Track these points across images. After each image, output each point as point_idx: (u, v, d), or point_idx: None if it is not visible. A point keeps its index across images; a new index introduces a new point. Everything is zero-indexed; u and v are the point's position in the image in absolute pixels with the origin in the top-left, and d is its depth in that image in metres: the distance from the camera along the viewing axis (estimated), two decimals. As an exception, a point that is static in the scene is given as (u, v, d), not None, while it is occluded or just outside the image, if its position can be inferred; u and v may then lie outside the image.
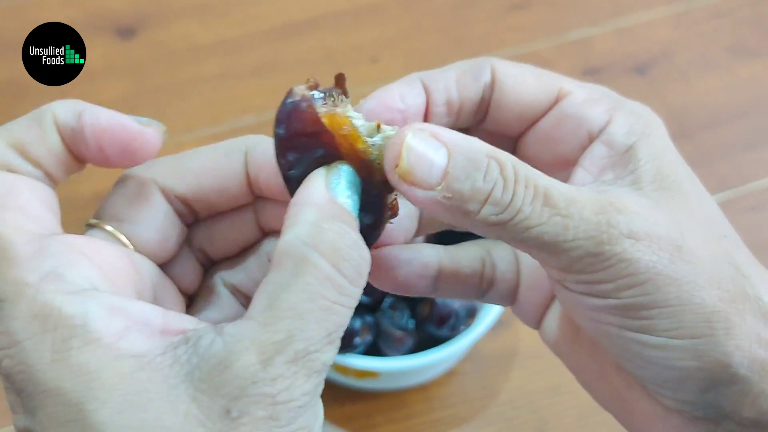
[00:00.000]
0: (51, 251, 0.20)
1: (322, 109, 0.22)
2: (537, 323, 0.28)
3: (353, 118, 0.22)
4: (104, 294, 0.20)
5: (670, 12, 0.73)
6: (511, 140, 0.26)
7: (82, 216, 0.65)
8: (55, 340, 0.19)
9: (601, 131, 0.24)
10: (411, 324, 0.46)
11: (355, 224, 0.21)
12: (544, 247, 0.21)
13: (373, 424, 0.50)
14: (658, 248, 0.21)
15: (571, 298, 0.23)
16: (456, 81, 0.25)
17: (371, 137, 0.22)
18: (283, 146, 0.23)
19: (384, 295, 0.45)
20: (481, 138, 0.22)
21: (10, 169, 0.22)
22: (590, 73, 0.68)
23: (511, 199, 0.21)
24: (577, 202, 0.21)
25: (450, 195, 0.20)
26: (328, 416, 0.50)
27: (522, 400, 0.51)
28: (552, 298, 0.28)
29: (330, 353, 0.20)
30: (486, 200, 0.21)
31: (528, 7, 0.73)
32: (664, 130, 0.24)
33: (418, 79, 0.25)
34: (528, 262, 0.27)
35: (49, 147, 0.22)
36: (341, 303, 0.20)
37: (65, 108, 0.23)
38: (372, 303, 0.45)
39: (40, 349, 0.19)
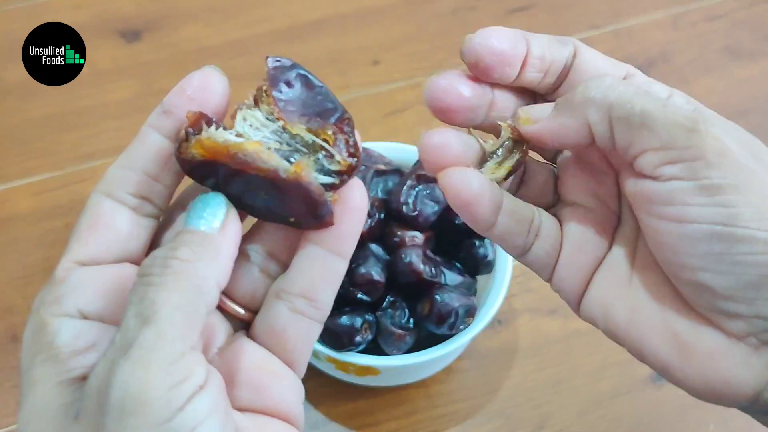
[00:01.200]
0: (68, 280, 0.24)
1: (192, 141, 0.24)
2: (579, 298, 0.29)
3: (214, 135, 0.24)
4: (85, 321, 0.24)
5: (668, 14, 0.74)
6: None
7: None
8: (35, 350, 0.23)
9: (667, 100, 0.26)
10: (411, 322, 0.46)
11: (197, 234, 0.24)
12: (645, 122, 0.24)
13: (374, 421, 0.50)
14: (743, 146, 0.24)
15: (660, 191, 0.24)
16: (547, 42, 0.28)
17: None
18: (195, 178, 0.25)
19: (384, 294, 0.46)
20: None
21: (109, 195, 0.25)
22: (589, 75, 0.69)
23: (613, 84, 0.25)
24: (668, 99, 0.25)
25: (572, 96, 0.26)
26: (329, 413, 0.50)
27: (522, 396, 0.51)
28: (592, 272, 0.29)
29: (147, 331, 0.21)
30: (604, 87, 0.25)
31: (527, 9, 0.74)
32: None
33: (522, 35, 0.28)
34: (570, 229, 0.29)
35: (150, 150, 0.26)
36: (153, 291, 0.22)
37: (153, 113, 0.26)
38: (372, 302, 0.45)
39: (25, 357, 0.24)
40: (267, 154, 0.23)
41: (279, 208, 0.25)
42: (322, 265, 0.26)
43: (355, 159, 0.25)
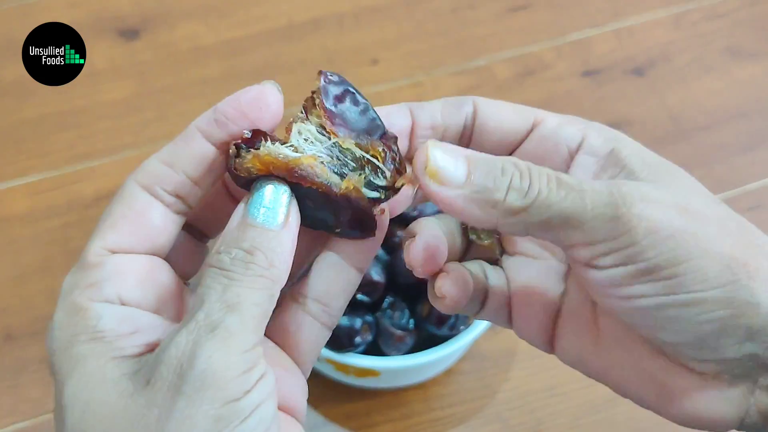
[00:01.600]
0: (105, 266, 0.25)
1: (248, 156, 0.25)
2: (549, 345, 0.29)
3: (273, 150, 0.25)
4: (126, 307, 0.25)
5: (669, 14, 0.74)
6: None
7: (85, 216, 0.66)
8: (72, 332, 0.24)
9: (579, 146, 0.26)
10: (411, 323, 0.46)
11: (265, 233, 0.24)
12: (568, 222, 0.23)
13: (372, 423, 0.50)
14: (669, 209, 0.23)
15: (601, 278, 0.24)
16: (441, 109, 0.28)
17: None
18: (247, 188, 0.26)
19: (384, 295, 0.46)
20: None
21: (147, 188, 0.26)
22: (589, 75, 0.69)
23: (530, 184, 0.23)
24: (586, 182, 0.23)
25: (477, 189, 0.23)
26: (328, 414, 0.50)
27: (519, 400, 0.51)
28: (554, 317, 0.29)
29: (233, 317, 0.23)
30: (509, 188, 0.23)
31: (528, 8, 0.73)
32: (626, 137, 0.27)
33: (406, 106, 0.28)
34: (517, 279, 0.29)
35: (195, 153, 0.26)
36: (237, 285, 0.24)
37: (204, 116, 0.27)
38: (372, 303, 0.45)
39: (60, 338, 0.24)
40: (321, 169, 0.25)
41: (326, 218, 0.26)
42: (340, 274, 0.27)
43: (402, 173, 0.26)
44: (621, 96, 0.67)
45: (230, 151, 0.25)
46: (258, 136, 0.25)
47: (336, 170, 0.25)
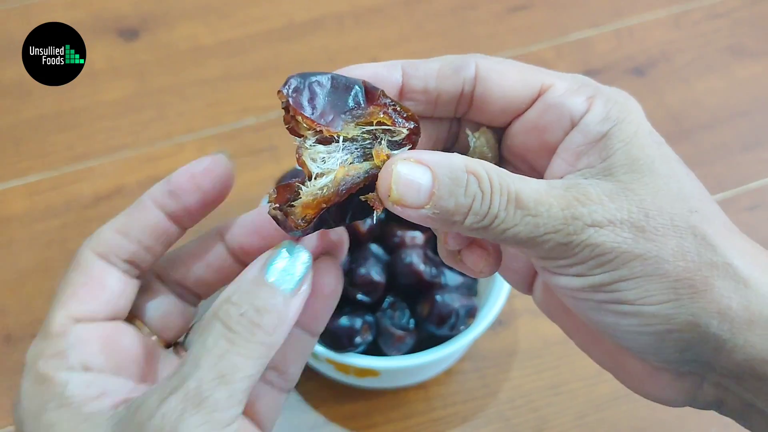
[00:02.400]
0: (68, 336, 0.26)
1: (296, 209, 0.25)
2: (528, 288, 0.31)
3: (313, 191, 0.25)
4: (90, 373, 0.26)
5: (669, 13, 0.74)
6: (499, 129, 0.28)
7: (83, 216, 0.66)
8: (40, 401, 0.25)
9: (581, 118, 0.25)
10: (411, 323, 0.46)
11: (278, 295, 0.25)
12: (522, 243, 0.24)
13: (373, 423, 0.50)
14: (621, 231, 0.24)
15: (553, 280, 0.26)
16: (437, 72, 0.27)
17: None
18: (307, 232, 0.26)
19: (384, 295, 0.46)
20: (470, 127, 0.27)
21: (102, 256, 0.28)
22: (590, 74, 0.68)
23: (489, 208, 0.23)
24: (544, 202, 0.24)
25: (438, 211, 0.23)
26: (328, 415, 0.50)
27: (521, 399, 0.51)
28: (533, 270, 0.31)
29: (222, 391, 0.23)
30: (468, 212, 0.23)
31: (528, 8, 0.73)
32: (640, 113, 0.26)
33: (399, 64, 0.27)
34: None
35: (149, 223, 0.28)
36: (236, 352, 0.24)
37: (157, 187, 0.28)
38: (372, 303, 0.45)
39: (29, 408, 0.25)
40: (354, 168, 0.24)
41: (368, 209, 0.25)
42: (295, 341, 0.28)
43: (413, 122, 0.25)
44: (621, 95, 0.67)
45: (277, 216, 0.25)
46: (285, 190, 0.25)
47: (362, 157, 0.25)
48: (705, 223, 0.24)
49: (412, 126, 0.25)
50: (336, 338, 0.44)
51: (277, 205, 0.25)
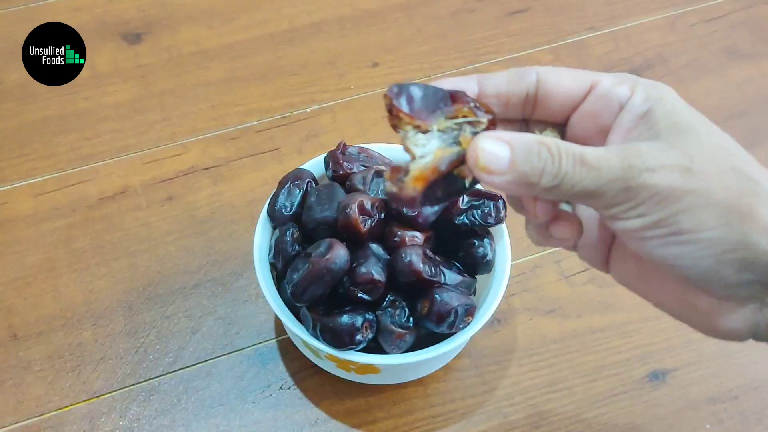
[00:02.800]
0: None
1: (408, 181, 0.30)
2: (605, 267, 0.35)
3: (420, 166, 0.30)
4: None
5: (665, 16, 0.74)
6: (561, 125, 0.34)
7: (88, 216, 0.66)
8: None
9: (627, 101, 0.31)
10: (411, 321, 0.47)
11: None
12: (590, 195, 0.29)
13: (373, 419, 0.51)
14: (672, 172, 0.28)
15: (619, 225, 0.29)
16: (506, 79, 0.33)
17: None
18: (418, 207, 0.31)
19: (384, 293, 0.46)
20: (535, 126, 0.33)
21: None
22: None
23: (559, 167, 0.28)
24: (604, 158, 0.28)
25: (517, 175, 0.28)
26: (329, 411, 0.51)
27: (519, 396, 0.51)
28: (609, 247, 0.35)
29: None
30: (542, 173, 0.28)
31: (526, 11, 0.74)
32: (675, 93, 0.31)
33: (474, 77, 0.33)
34: (583, 214, 0.35)
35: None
36: None
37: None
38: (373, 301, 0.46)
39: None
40: (448, 151, 0.30)
41: (459, 183, 0.31)
42: None
43: (491, 114, 0.31)
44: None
45: (392, 190, 0.30)
46: (396, 170, 0.30)
47: (453, 143, 0.30)
48: (743, 162, 0.29)
49: (490, 117, 0.31)
50: (337, 335, 0.44)
51: (390, 176, 0.30)
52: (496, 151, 0.28)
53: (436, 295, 0.45)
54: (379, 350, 0.46)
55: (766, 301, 0.30)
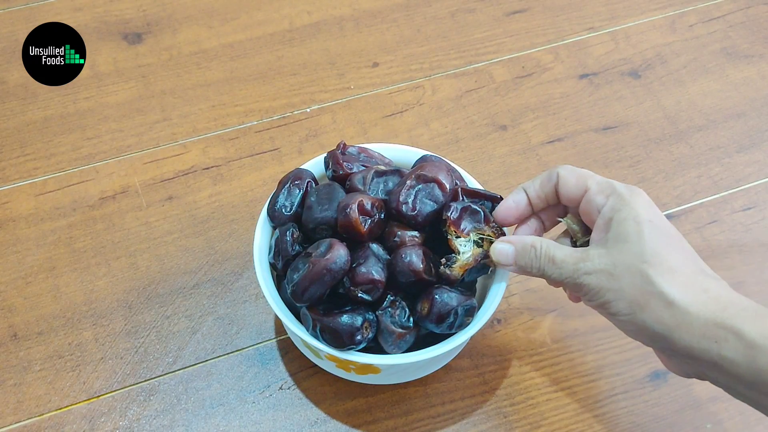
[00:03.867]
0: None
1: (455, 268, 0.46)
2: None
3: (462, 260, 0.46)
4: None
5: (664, 16, 0.74)
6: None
7: (89, 216, 0.66)
8: None
9: (601, 208, 0.43)
10: (411, 321, 0.47)
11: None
12: (559, 283, 0.43)
13: (373, 420, 0.51)
14: (600, 275, 0.41)
15: (585, 303, 0.43)
16: (540, 184, 0.46)
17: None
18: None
19: (384, 293, 0.46)
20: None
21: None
22: (586, 77, 0.69)
23: (539, 263, 0.43)
24: (565, 261, 0.42)
25: (518, 266, 0.44)
26: (329, 411, 0.51)
27: (519, 396, 0.52)
28: None
29: None
30: (531, 266, 0.44)
31: (525, 12, 0.74)
32: (640, 202, 0.41)
33: (522, 188, 0.46)
34: None
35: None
36: None
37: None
38: (373, 301, 0.46)
39: None
40: (477, 251, 0.46)
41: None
42: None
43: (502, 233, 0.47)
44: (618, 98, 0.68)
45: (445, 272, 0.45)
46: (448, 258, 0.46)
47: (479, 244, 0.46)
48: (651, 268, 0.39)
49: (502, 234, 0.47)
50: (337, 335, 0.44)
51: (445, 266, 0.46)
52: (505, 250, 0.45)
53: (436, 295, 0.45)
54: (379, 350, 0.46)
55: (685, 359, 0.40)
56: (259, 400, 0.51)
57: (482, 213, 0.47)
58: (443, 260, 0.46)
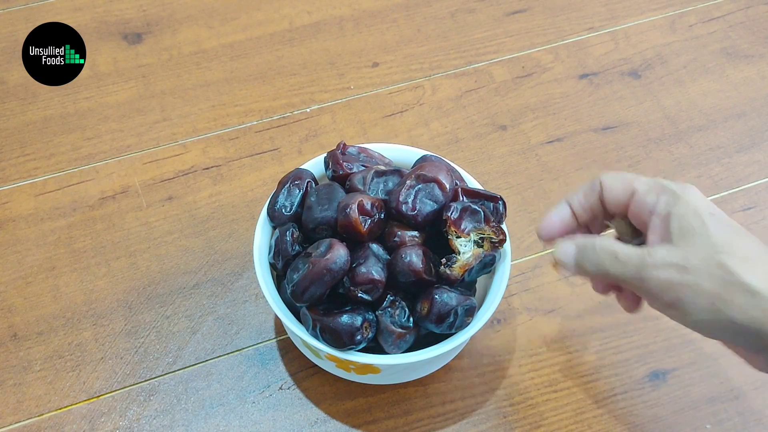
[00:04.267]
0: None
1: (455, 267, 0.46)
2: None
3: (462, 259, 0.46)
4: None
5: (664, 16, 0.74)
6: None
7: (89, 216, 0.66)
8: None
9: (654, 207, 0.41)
10: (411, 321, 0.47)
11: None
12: (621, 281, 0.41)
13: (373, 420, 0.51)
14: (671, 269, 0.38)
15: (651, 306, 0.41)
16: (583, 194, 0.44)
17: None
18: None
19: (384, 293, 0.46)
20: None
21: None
22: (586, 77, 0.69)
23: (601, 260, 0.41)
24: (631, 256, 0.40)
25: (579, 265, 0.42)
26: (329, 411, 0.51)
27: (519, 396, 0.52)
28: None
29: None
30: (593, 266, 0.41)
31: (525, 12, 0.74)
32: (694, 196, 0.40)
33: (565, 201, 0.45)
34: None
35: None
36: None
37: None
38: (373, 301, 0.46)
39: None
40: (477, 252, 0.46)
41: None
42: None
43: (502, 235, 0.47)
44: (617, 98, 0.68)
45: (446, 271, 0.45)
46: (448, 258, 0.46)
47: (479, 244, 0.46)
48: (727, 258, 0.37)
49: (501, 237, 0.47)
50: (337, 335, 0.44)
51: (444, 262, 0.46)
52: (568, 249, 0.43)
53: (436, 295, 0.45)
54: (379, 350, 0.46)
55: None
56: (259, 400, 0.51)
57: (482, 213, 0.47)
58: (443, 260, 0.46)
